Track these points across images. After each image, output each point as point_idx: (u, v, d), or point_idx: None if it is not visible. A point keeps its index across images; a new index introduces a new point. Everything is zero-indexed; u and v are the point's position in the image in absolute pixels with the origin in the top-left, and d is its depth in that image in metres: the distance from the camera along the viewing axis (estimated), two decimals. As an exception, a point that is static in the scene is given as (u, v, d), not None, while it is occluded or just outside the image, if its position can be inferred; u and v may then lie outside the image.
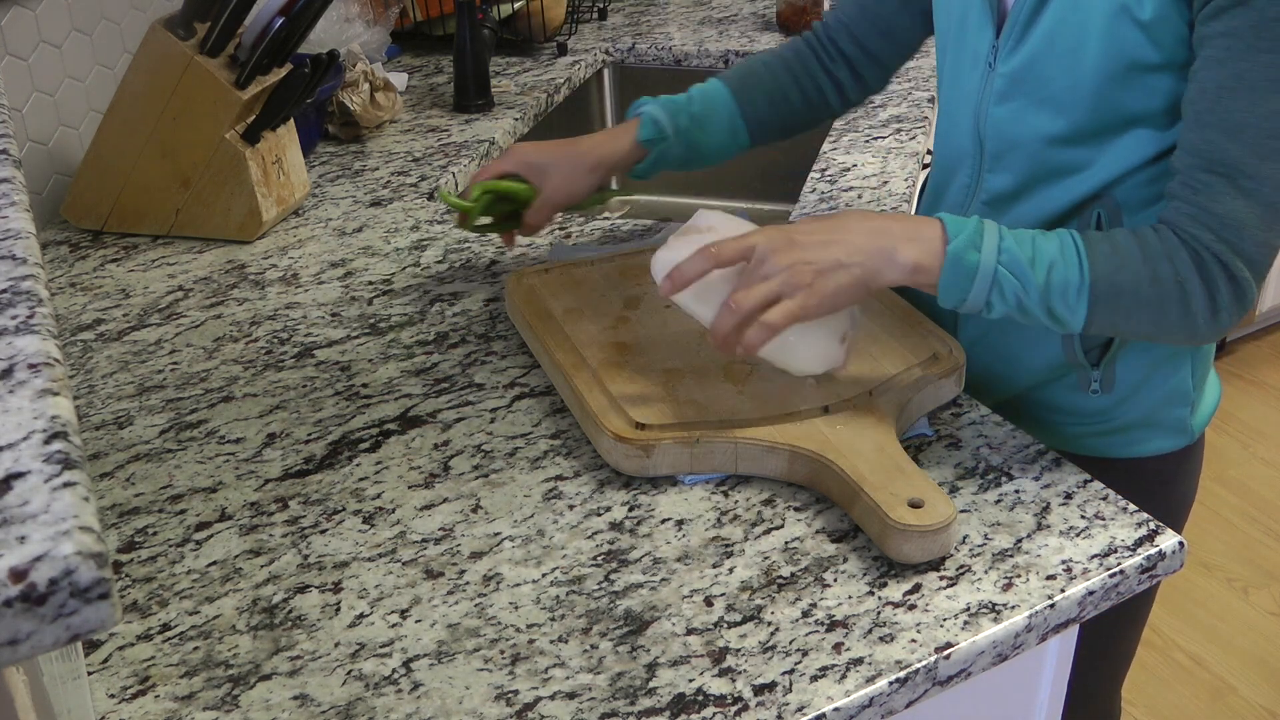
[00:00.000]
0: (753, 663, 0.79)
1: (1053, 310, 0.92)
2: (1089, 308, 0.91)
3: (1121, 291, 0.90)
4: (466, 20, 1.82)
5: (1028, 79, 0.99)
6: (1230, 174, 0.89)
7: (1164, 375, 1.08)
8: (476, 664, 0.80)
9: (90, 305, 1.29)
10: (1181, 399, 1.10)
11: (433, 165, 1.65)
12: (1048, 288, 0.90)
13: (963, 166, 1.09)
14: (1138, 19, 0.91)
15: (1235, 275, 0.90)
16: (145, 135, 1.39)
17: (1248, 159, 0.88)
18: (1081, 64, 0.94)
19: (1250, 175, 0.88)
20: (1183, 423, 1.12)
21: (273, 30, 1.33)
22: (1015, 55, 0.99)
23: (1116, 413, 1.10)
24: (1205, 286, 0.90)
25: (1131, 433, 1.11)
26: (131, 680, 0.80)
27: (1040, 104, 0.99)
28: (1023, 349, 1.10)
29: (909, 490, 0.88)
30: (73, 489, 0.44)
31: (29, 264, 0.59)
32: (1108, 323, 0.92)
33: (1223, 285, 0.90)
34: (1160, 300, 0.90)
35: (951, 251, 0.91)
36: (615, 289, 1.18)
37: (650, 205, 2.25)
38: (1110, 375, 1.07)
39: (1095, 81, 0.94)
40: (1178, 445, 1.13)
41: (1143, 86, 0.94)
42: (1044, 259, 0.91)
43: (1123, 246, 0.91)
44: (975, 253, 0.91)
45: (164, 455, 1.03)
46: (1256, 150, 0.87)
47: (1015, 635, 0.83)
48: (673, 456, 0.95)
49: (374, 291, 1.29)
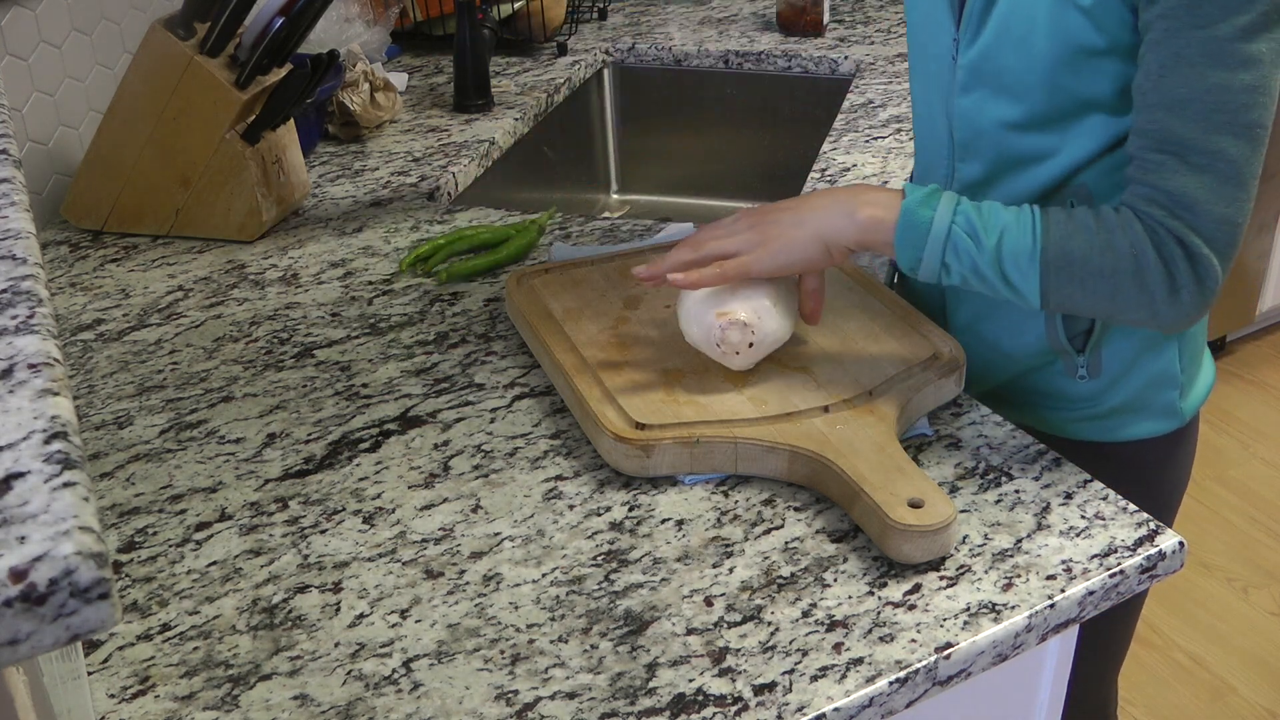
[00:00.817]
0: (753, 663, 0.79)
1: (1007, 276, 0.94)
2: (1041, 274, 0.93)
3: (1073, 259, 0.92)
4: (466, 20, 1.82)
5: (985, 69, 1.01)
6: (1179, 151, 0.90)
7: (1150, 359, 1.09)
8: (476, 664, 0.80)
9: (90, 305, 1.29)
10: (1169, 382, 1.11)
11: (433, 165, 1.65)
12: (999, 250, 0.93)
13: (940, 158, 1.11)
14: (1079, 4, 0.93)
15: (1194, 252, 0.91)
16: (145, 135, 1.39)
17: (1194, 134, 0.89)
18: (1032, 51, 0.96)
19: (1199, 150, 0.90)
20: (1172, 405, 1.12)
21: (273, 30, 1.33)
22: (973, 47, 1.02)
23: (1104, 398, 1.11)
24: (1162, 262, 0.91)
25: (1120, 417, 1.12)
26: (131, 680, 0.80)
27: (998, 92, 1.01)
28: (1009, 336, 1.10)
29: (909, 490, 0.88)
30: (73, 489, 0.44)
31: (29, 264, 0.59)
32: (1064, 294, 0.94)
33: (1181, 262, 0.91)
34: (1114, 271, 0.92)
35: (905, 206, 0.95)
36: (615, 289, 1.18)
37: (650, 205, 2.25)
38: (1096, 361, 1.08)
39: (1047, 68, 0.96)
40: (1168, 428, 1.13)
41: (1092, 71, 0.96)
42: (997, 223, 0.94)
43: (1078, 217, 0.94)
44: (929, 210, 0.95)
45: (164, 455, 1.03)
46: (1202, 125, 0.89)
47: (1015, 635, 0.83)
48: (673, 456, 0.95)
49: (374, 291, 1.29)
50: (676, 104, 2.17)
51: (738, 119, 2.15)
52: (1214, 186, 0.90)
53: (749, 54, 2.10)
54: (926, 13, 1.08)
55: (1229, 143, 0.89)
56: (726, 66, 2.12)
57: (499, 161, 1.78)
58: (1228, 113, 0.88)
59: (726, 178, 2.20)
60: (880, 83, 1.91)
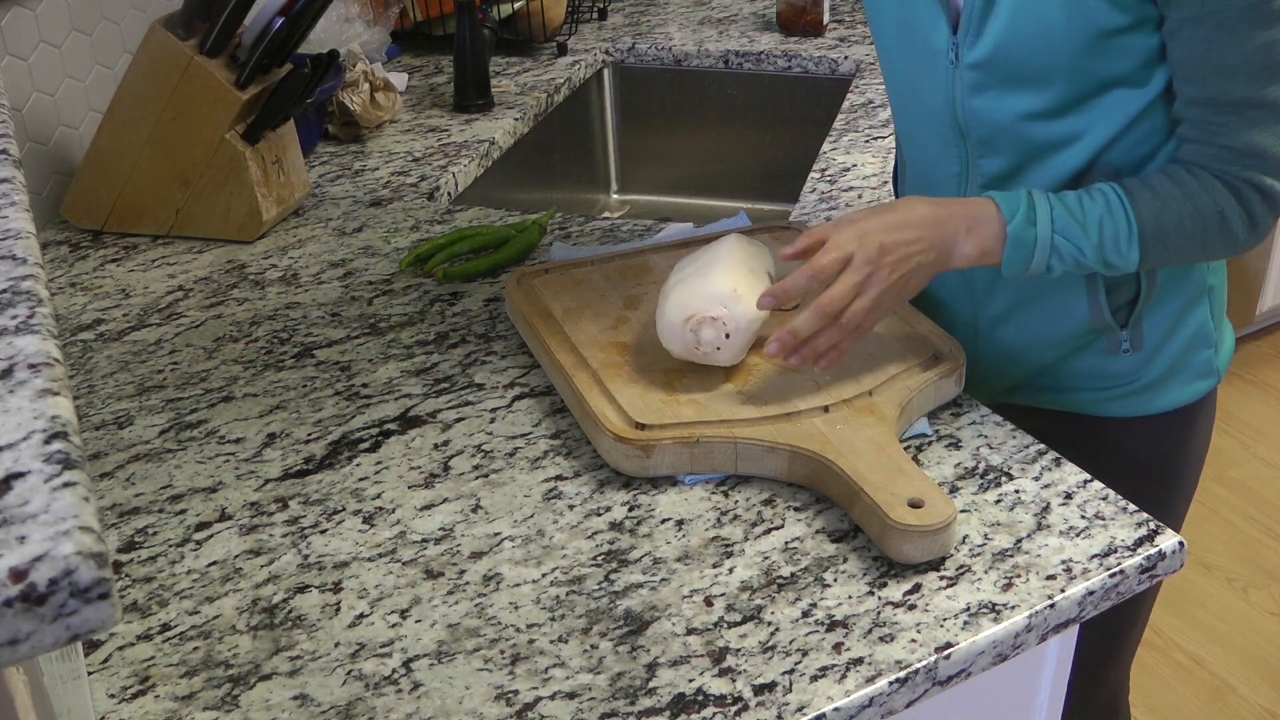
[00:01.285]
0: (753, 663, 0.79)
1: (1108, 261, 0.99)
2: (1140, 251, 0.98)
3: (1168, 231, 0.98)
4: (466, 20, 1.82)
5: (1000, 66, 1.01)
6: (1238, 109, 0.95)
7: (1188, 320, 1.11)
8: (476, 664, 0.80)
9: (90, 305, 1.29)
10: (1205, 340, 1.13)
11: (433, 165, 1.65)
12: (1101, 244, 0.98)
13: (948, 157, 1.11)
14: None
15: (1268, 191, 0.98)
16: (145, 135, 1.39)
17: (1250, 92, 0.94)
18: (1051, 42, 0.97)
19: (1256, 105, 0.95)
20: (1209, 364, 1.15)
21: (273, 30, 1.33)
22: (979, 47, 1.01)
23: (1146, 370, 1.12)
24: (1242, 208, 0.98)
25: (1161, 385, 1.13)
26: (131, 680, 0.80)
27: (1017, 87, 1.01)
28: (1049, 321, 1.11)
29: (909, 490, 0.88)
30: (73, 489, 0.44)
31: (29, 264, 0.59)
32: (1159, 259, 1.00)
33: (1258, 205, 0.98)
34: (1203, 230, 0.98)
35: (1011, 233, 0.97)
36: (615, 289, 1.18)
37: (650, 205, 2.25)
38: (1139, 333, 1.10)
39: (1068, 55, 0.97)
40: (1204, 390, 1.16)
41: (1116, 50, 0.97)
42: (1094, 219, 0.98)
43: (1162, 191, 0.98)
44: (1032, 228, 0.98)
45: (164, 455, 1.03)
46: (1256, 82, 0.94)
47: (1015, 635, 0.83)
48: (673, 456, 0.95)
49: (374, 291, 1.29)
50: (676, 104, 2.17)
51: (738, 119, 2.15)
52: (1275, 128, 0.95)
53: (749, 54, 2.10)
54: (912, 17, 1.07)
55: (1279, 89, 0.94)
56: (726, 66, 2.12)
57: (499, 161, 1.78)
58: (1276, 65, 0.93)
59: (726, 178, 2.20)
60: (880, 83, 1.91)
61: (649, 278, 1.20)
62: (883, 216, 0.97)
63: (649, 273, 1.21)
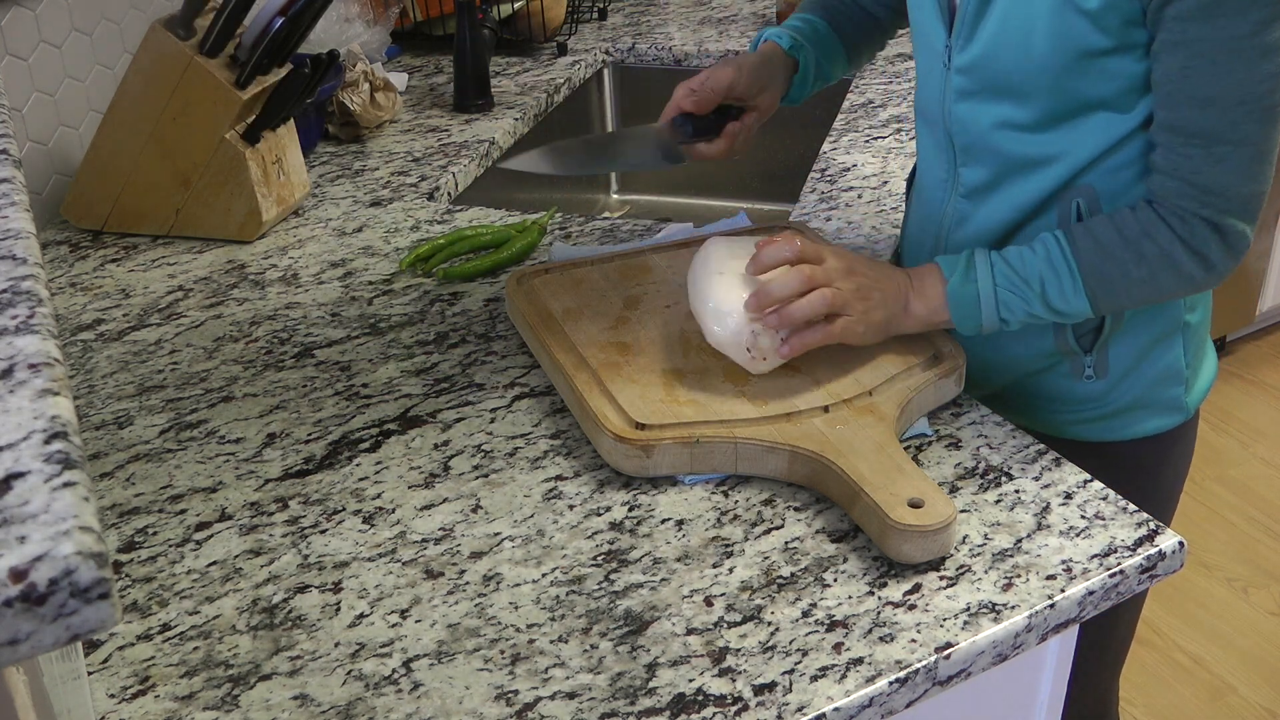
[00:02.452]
0: (753, 663, 0.79)
1: (1057, 310, 1.00)
2: (1090, 299, 0.99)
3: (1112, 279, 0.98)
4: (466, 20, 1.82)
5: (983, 73, 1.01)
6: (1206, 143, 0.93)
7: (1157, 355, 1.09)
8: (476, 664, 0.80)
9: (90, 305, 1.29)
10: (1175, 377, 1.11)
11: (433, 165, 1.65)
12: (1044, 295, 0.99)
13: (938, 162, 1.11)
14: (1083, 9, 0.93)
15: (1226, 230, 0.95)
16: (145, 135, 1.39)
17: (1220, 127, 0.92)
18: (1033, 55, 0.97)
19: (1225, 140, 0.92)
20: (1178, 401, 1.13)
21: (273, 30, 1.33)
22: (967, 52, 1.01)
23: (1111, 397, 1.11)
24: (1191, 252, 0.96)
25: (1126, 415, 1.12)
26: (131, 680, 0.80)
27: (999, 96, 1.01)
28: (1016, 338, 1.10)
29: (909, 490, 0.88)
30: (73, 489, 0.44)
31: (29, 264, 0.59)
32: (1114, 303, 1.00)
33: (1213, 244, 0.95)
34: (1152, 276, 0.97)
35: (950, 291, 1.01)
36: (615, 289, 1.18)
37: (650, 205, 2.25)
38: (1103, 360, 1.09)
39: (1049, 72, 0.97)
40: (1172, 424, 1.14)
41: (1098, 72, 0.96)
42: (1034, 272, 0.99)
43: (1104, 238, 0.97)
44: (972, 285, 1.00)
45: (164, 455, 1.03)
46: (1227, 117, 0.92)
47: (1015, 635, 0.83)
48: (673, 456, 0.95)
49: (374, 291, 1.29)
50: (676, 104, 2.17)
51: (738, 119, 2.15)
52: (1241, 168, 0.93)
53: (749, 54, 2.10)
54: (921, 17, 1.08)
55: (1254, 128, 0.92)
56: (726, 66, 2.12)
57: (499, 161, 1.78)
58: (1252, 102, 0.91)
59: (726, 178, 2.20)
60: (880, 83, 1.91)
61: (649, 278, 1.20)
62: (856, 255, 1.03)
63: (649, 273, 1.21)
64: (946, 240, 1.12)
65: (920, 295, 1.02)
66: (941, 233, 1.13)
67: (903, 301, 1.02)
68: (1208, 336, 1.16)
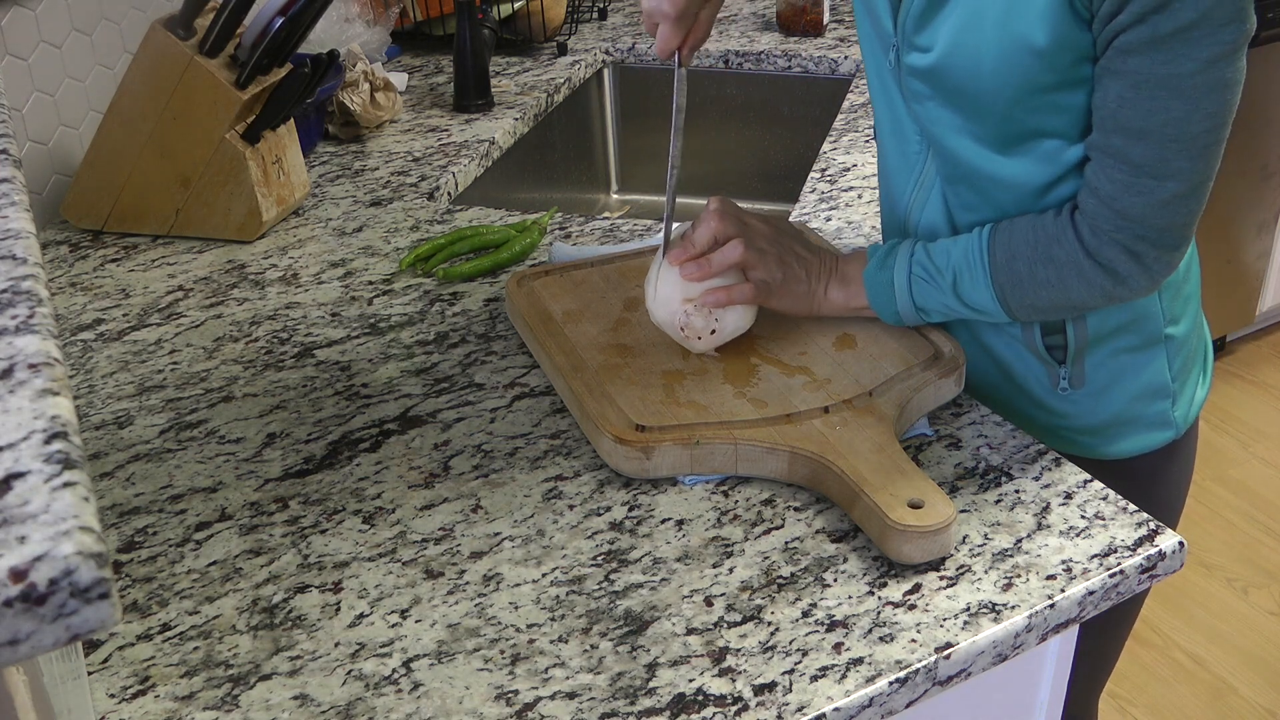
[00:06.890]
0: (753, 663, 0.79)
1: (969, 305, 1.01)
2: (999, 298, 0.99)
3: (1020, 278, 0.98)
4: (466, 20, 1.82)
5: (936, 82, 0.98)
6: (1133, 173, 0.91)
7: (1137, 368, 1.07)
8: (476, 664, 0.80)
9: (90, 305, 1.29)
10: (1160, 392, 1.09)
11: (433, 165, 1.65)
12: (956, 287, 1.00)
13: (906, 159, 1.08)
14: (1034, 47, 0.90)
15: (1140, 255, 0.94)
16: (145, 135, 1.39)
17: (1150, 160, 0.90)
18: (980, 84, 0.94)
19: (1154, 174, 0.91)
20: (1164, 416, 1.10)
21: (273, 30, 1.33)
22: (913, 56, 0.98)
23: (1093, 412, 1.09)
24: (1096, 264, 0.95)
25: (1111, 431, 1.10)
26: (131, 680, 0.80)
27: (952, 107, 0.98)
28: (992, 339, 1.09)
29: (909, 490, 0.88)
30: (73, 489, 0.44)
31: (29, 264, 0.59)
32: (1024, 306, 1.00)
33: (1122, 262, 0.95)
34: (1060, 279, 0.97)
35: (866, 275, 1.04)
36: (615, 291, 1.18)
37: (650, 205, 2.25)
38: (1079, 373, 1.07)
39: (998, 102, 0.95)
40: (1163, 440, 1.11)
41: (1048, 106, 0.94)
42: (947, 264, 1.00)
43: (1018, 238, 0.98)
44: (887, 271, 1.03)
45: (164, 455, 1.03)
46: (1159, 151, 0.90)
47: (1015, 635, 0.83)
48: (673, 458, 0.95)
49: (374, 291, 1.29)
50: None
51: (737, 119, 2.15)
52: (1164, 202, 0.92)
53: (749, 54, 2.10)
54: (869, 13, 1.05)
55: (1184, 164, 0.90)
56: (726, 66, 2.12)
57: (499, 161, 1.78)
58: (1186, 140, 0.89)
59: (726, 178, 2.20)
60: (880, 83, 1.91)
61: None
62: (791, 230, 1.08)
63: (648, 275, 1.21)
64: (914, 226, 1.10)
65: (840, 278, 1.06)
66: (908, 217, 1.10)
67: (824, 280, 1.06)
68: (1201, 352, 1.13)
